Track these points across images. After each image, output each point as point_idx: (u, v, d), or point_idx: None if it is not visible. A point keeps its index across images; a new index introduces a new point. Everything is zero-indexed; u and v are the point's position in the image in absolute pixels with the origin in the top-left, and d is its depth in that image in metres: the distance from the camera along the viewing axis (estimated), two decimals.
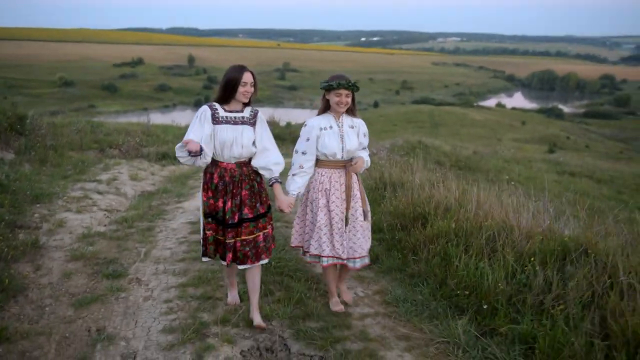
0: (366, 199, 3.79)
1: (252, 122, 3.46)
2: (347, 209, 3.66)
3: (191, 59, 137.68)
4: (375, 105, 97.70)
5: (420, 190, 5.94)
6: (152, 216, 6.68)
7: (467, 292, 3.72)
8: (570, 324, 2.97)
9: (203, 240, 3.57)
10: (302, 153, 3.62)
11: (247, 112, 3.48)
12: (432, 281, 4.12)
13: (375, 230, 5.52)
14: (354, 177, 3.72)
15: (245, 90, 3.37)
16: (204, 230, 3.55)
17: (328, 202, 3.64)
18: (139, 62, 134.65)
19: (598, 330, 2.86)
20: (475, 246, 4.15)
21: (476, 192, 5.53)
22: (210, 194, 3.48)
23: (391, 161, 10.07)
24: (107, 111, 77.89)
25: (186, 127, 21.95)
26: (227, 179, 3.44)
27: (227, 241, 3.46)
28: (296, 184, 3.60)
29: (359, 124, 3.73)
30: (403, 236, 4.90)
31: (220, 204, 3.45)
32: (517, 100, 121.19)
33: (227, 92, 3.39)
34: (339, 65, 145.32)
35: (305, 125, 3.67)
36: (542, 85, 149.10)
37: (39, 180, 7.51)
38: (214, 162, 3.46)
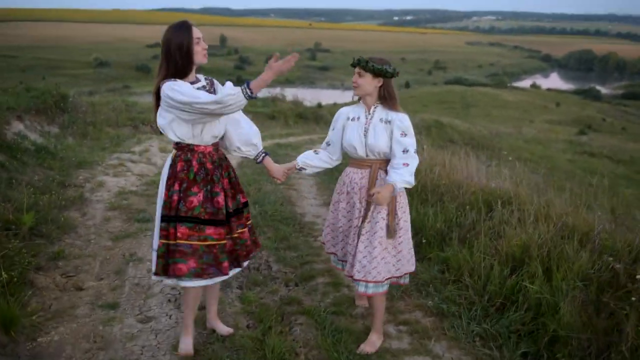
0: (398, 213, 3.08)
1: (212, 90, 2.91)
2: (364, 219, 3.07)
3: (223, 39, 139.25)
4: (407, 85, 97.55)
5: None
6: None
7: (413, 232, 4.77)
8: (480, 251, 4.00)
9: (164, 253, 2.83)
10: (327, 144, 3.29)
11: (203, 80, 2.93)
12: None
13: None
14: (381, 182, 3.05)
15: (202, 47, 2.81)
16: (165, 238, 2.82)
17: (347, 205, 3.20)
18: None
19: (494, 253, 3.89)
20: (429, 199, 5.19)
21: (449, 160, 6.56)
22: (183, 186, 2.81)
23: None
24: (142, 91, 79.93)
25: None
26: (208, 165, 2.85)
27: (223, 242, 2.90)
28: (305, 157, 3.29)
29: (397, 118, 3.00)
30: None
31: (200, 197, 2.81)
32: (553, 81, 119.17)
33: (184, 60, 2.75)
34: (370, 46, 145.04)
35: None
36: (580, 65, 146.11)
37: (81, 151, 8.79)
38: (188, 148, 2.83)
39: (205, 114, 2.63)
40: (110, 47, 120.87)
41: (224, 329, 3.29)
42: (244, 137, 3.06)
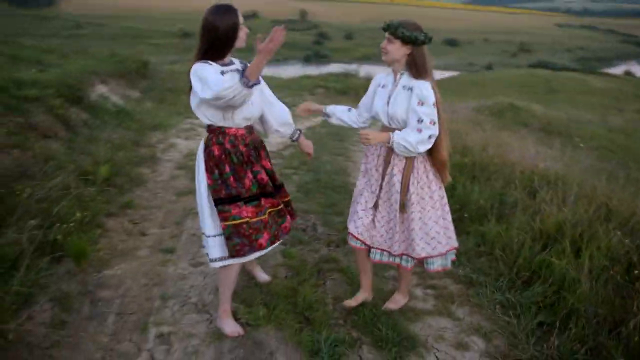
0: (410, 187, 2.97)
1: None
2: (380, 188, 3.07)
3: (303, 14, 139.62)
4: (488, 67, 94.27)
5: (464, 135, 7.06)
6: None
7: (457, 206, 4.92)
8: (515, 227, 4.11)
9: (237, 232, 2.80)
10: (359, 105, 3.26)
11: (238, 64, 2.87)
12: None
13: None
14: (398, 156, 2.96)
15: (244, 32, 2.81)
16: (233, 219, 2.79)
17: (367, 171, 3.17)
18: (253, 15, 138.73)
19: (528, 230, 3.99)
20: (477, 176, 5.30)
21: (506, 141, 6.59)
22: (231, 168, 2.82)
23: (465, 118, 11.04)
24: None
25: (290, 80, 23.38)
26: (241, 148, 2.84)
27: (280, 207, 3.04)
28: (335, 107, 3.30)
29: (417, 85, 2.85)
30: None
31: (250, 176, 2.87)
32: None
33: (226, 45, 2.77)
34: (452, 24, 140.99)
35: None
36: None
37: (157, 115, 9.39)
38: (219, 131, 2.81)
39: (220, 107, 2.67)
40: (194, 18, 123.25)
41: (262, 276, 3.55)
42: (280, 118, 3.09)
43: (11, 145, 4.96)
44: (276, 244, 3.03)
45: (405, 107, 2.87)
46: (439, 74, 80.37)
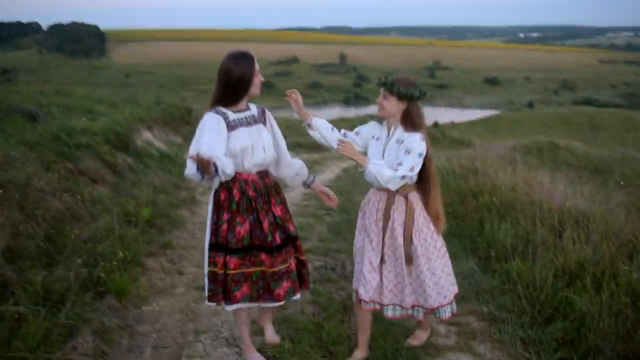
0: (414, 239, 3.03)
1: (262, 119, 2.97)
2: (383, 244, 3.08)
3: (342, 57, 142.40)
4: (530, 105, 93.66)
5: (493, 175, 7.14)
6: None
7: (485, 245, 5.00)
8: (538, 264, 4.17)
9: (213, 279, 2.90)
10: (356, 133, 3.23)
11: (254, 109, 2.96)
12: (466, 238, 5.44)
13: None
14: (400, 206, 3.03)
15: (260, 79, 2.89)
16: (213, 266, 2.90)
17: (364, 225, 3.19)
18: (293, 60, 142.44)
19: (552, 267, 4.05)
20: (505, 215, 5.38)
21: (535, 180, 6.65)
22: (229, 216, 2.83)
23: (500, 157, 11.06)
24: (266, 107, 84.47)
25: (335, 124, 24.47)
26: (250, 193, 2.83)
27: (276, 269, 2.85)
28: (324, 122, 3.22)
29: (407, 137, 2.94)
30: (458, 207, 6.22)
31: (247, 226, 2.82)
32: None
33: (239, 90, 2.82)
34: (492, 63, 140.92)
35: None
36: None
37: None
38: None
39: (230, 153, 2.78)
40: None
41: (270, 336, 3.20)
42: (292, 169, 3.09)
43: (62, 190, 5.34)
44: (256, 304, 2.93)
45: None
46: (479, 113, 79.92)
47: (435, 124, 53.34)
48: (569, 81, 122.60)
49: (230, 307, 2.91)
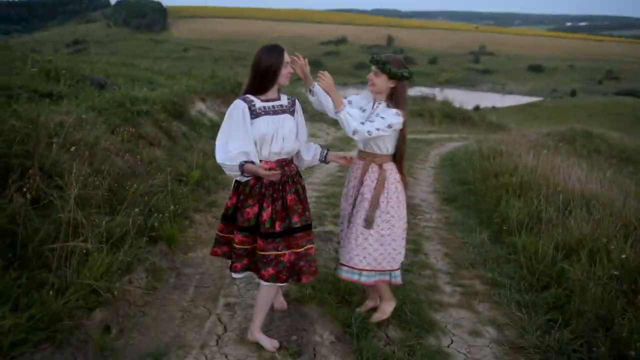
0: (380, 205, 3.13)
1: (291, 110, 2.98)
2: (353, 207, 3.22)
3: (390, 40, 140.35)
4: (573, 94, 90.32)
5: (516, 158, 7.24)
6: None
7: (498, 220, 5.18)
8: (542, 238, 4.35)
9: (217, 239, 3.15)
10: (349, 102, 3.23)
11: (284, 100, 2.98)
12: (483, 213, 5.62)
13: (464, 182, 7.05)
14: (373, 174, 3.16)
15: (288, 71, 2.91)
16: (218, 230, 3.15)
17: (346, 192, 3.36)
18: (342, 40, 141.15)
19: (553, 241, 4.22)
20: (522, 194, 5.53)
21: (558, 165, 6.73)
22: (240, 198, 2.95)
23: (531, 143, 11.02)
24: None
25: None
26: (264, 180, 2.86)
27: (265, 253, 2.88)
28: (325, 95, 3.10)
29: (384, 111, 3.06)
30: (479, 185, 6.39)
31: (255, 209, 2.89)
32: None
33: (267, 79, 2.86)
34: (537, 50, 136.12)
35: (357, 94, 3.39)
36: None
37: None
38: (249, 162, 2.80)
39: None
40: (288, 43, 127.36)
41: (270, 344, 3.08)
42: (310, 153, 3.14)
43: (124, 150, 5.78)
44: (247, 273, 3.04)
45: None
46: (521, 99, 77.46)
47: (477, 108, 52.44)
48: (613, 71, 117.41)
49: (235, 275, 3.04)
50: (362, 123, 2.98)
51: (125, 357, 2.95)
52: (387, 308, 3.38)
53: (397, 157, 3.20)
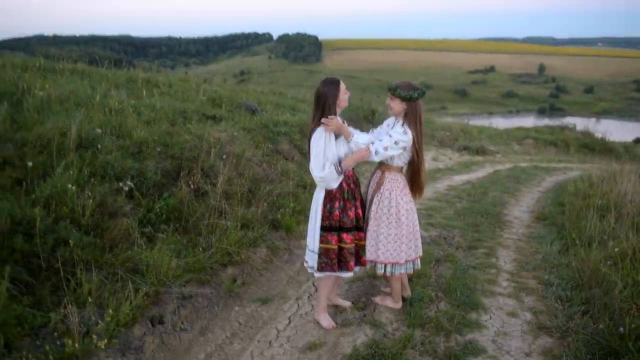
0: (373, 205, 3.68)
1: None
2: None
3: (541, 68, 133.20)
4: None
5: (614, 184, 7.39)
6: (427, 179, 9.72)
7: (573, 235, 5.59)
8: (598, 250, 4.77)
9: (325, 254, 3.52)
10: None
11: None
12: (565, 230, 6.02)
13: (560, 204, 7.38)
14: (376, 179, 3.75)
15: (346, 96, 3.51)
16: (326, 243, 3.51)
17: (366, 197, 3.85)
18: (490, 69, 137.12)
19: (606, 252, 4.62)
20: (606, 215, 5.86)
21: None
22: (341, 203, 3.50)
23: None
24: (457, 113, 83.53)
25: (503, 130, 23.23)
26: (352, 185, 3.58)
27: (363, 243, 3.65)
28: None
29: (394, 127, 3.57)
30: (570, 206, 6.73)
31: (354, 210, 3.55)
32: None
33: (331, 107, 3.40)
34: None
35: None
36: None
37: None
38: None
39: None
40: (435, 72, 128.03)
41: (344, 302, 4.03)
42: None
43: (263, 162, 7.17)
44: (352, 271, 3.61)
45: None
46: None
47: (637, 140, 47.62)
48: None
49: (345, 274, 3.61)
50: (372, 142, 3.48)
51: (243, 299, 4.14)
52: (391, 305, 3.95)
53: (410, 172, 3.69)
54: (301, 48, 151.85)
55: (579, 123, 28.30)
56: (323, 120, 3.38)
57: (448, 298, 4.18)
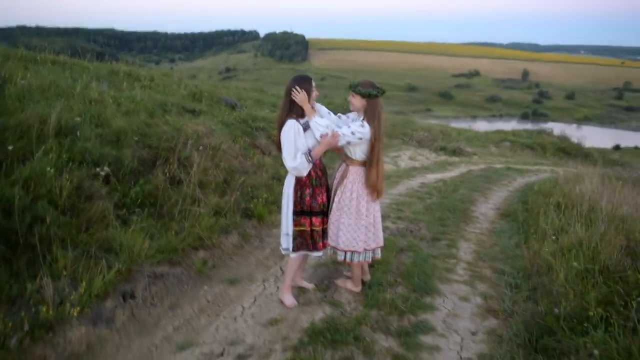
0: (336, 196, 3.97)
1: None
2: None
3: (525, 74, 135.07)
4: None
5: (577, 185, 7.76)
6: (402, 176, 10.02)
7: (531, 230, 5.92)
8: (553, 242, 5.10)
9: (308, 236, 3.88)
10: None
11: (319, 113, 3.85)
12: (525, 225, 6.35)
13: (524, 202, 7.72)
14: (341, 172, 4.02)
15: (315, 94, 3.78)
16: (303, 225, 3.85)
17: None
18: (475, 73, 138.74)
19: (555, 243, 4.95)
20: (565, 212, 6.20)
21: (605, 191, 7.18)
22: (311, 189, 3.83)
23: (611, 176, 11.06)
24: (441, 115, 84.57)
25: (482, 133, 23.62)
26: (319, 173, 3.89)
27: (325, 227, 3.99)
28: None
29: (354, 121, 3.88)
30: (533, 204, 7.08)
31: (321, 197, 3.89)
32: None
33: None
34: None
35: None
36: None
37: None
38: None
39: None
40: (421, 74, 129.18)
41: (308, 285, 4.33)
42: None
43: (240, 155, 7.40)
44: (322, 251, 4.00)
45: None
46: None
47: (617, 147, 48.70)
48: None
49: (316, 254, 3.98)
50: (327, 127, 3.70)
51: (213, 279, 4.38)
52: (352, 288, 4.22)
53: (367, 164, 3.87)
54: (288, 47, 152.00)
55: (561, 129, 29.07)
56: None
57: (406, 283, 4.47)
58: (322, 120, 3.75)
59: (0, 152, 4.30)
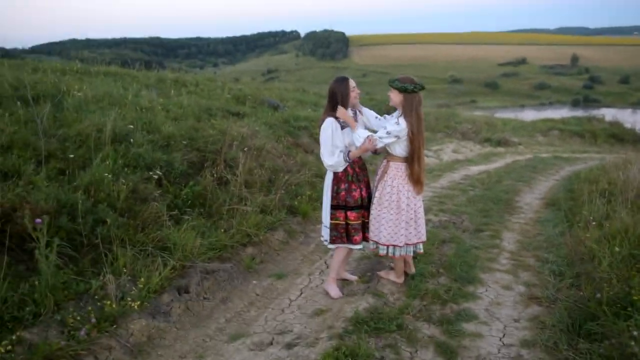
0: (376, 190, 4.05)
1: (357, 119, 4.00)
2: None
3: (574, 59, 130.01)
4: None
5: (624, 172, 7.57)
6: (444, 170, 10.00)
7: (577, 218, 5.85)
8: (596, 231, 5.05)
9: (342, 229, 4.01)
10: None
11: (350, 113, 3.97)
12: (570, 213, 6.27)
13: (570, 190, 7.61)
14: (382, 167, 4.09)
15: (356, 93, 3.95)
16: (338, 219, 3.99)
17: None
18: (522, 61, 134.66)
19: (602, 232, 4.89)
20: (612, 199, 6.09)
21: None
22: (346, 185, 3.96)
23: None
24: (487, 106, 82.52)
25: (529, 123, 23.13)
26: (357, 169, 4.03)
27: (367, 221, 4.10)
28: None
29: (389, 119, 4.00)
30: (579, 192, 6.96)
31: (358, 192, 4.00)
32: None
33: (342, 103, 3.87)
34: None
35: None
36: None
37: None
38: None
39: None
40: (465, 65, 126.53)
41: (352, 277, 4.47)
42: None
43: (284, 154, 7.62)
44: (362, 244, 4.11)
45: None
46: None
47: None
48: None
49: (354, 247, 4.10)
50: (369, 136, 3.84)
51: (261, 274, 4.59)
52: (394, 279, 4.31)
53: (409, 159, 3.94)
54: (328, 45, 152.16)
55: (614, 114, 27.89)
56: (338, 108, 3.86)
57: (448, 274, 4.54)
58: (363, 132, 3.86)
59: (63, 161, 4.65)
